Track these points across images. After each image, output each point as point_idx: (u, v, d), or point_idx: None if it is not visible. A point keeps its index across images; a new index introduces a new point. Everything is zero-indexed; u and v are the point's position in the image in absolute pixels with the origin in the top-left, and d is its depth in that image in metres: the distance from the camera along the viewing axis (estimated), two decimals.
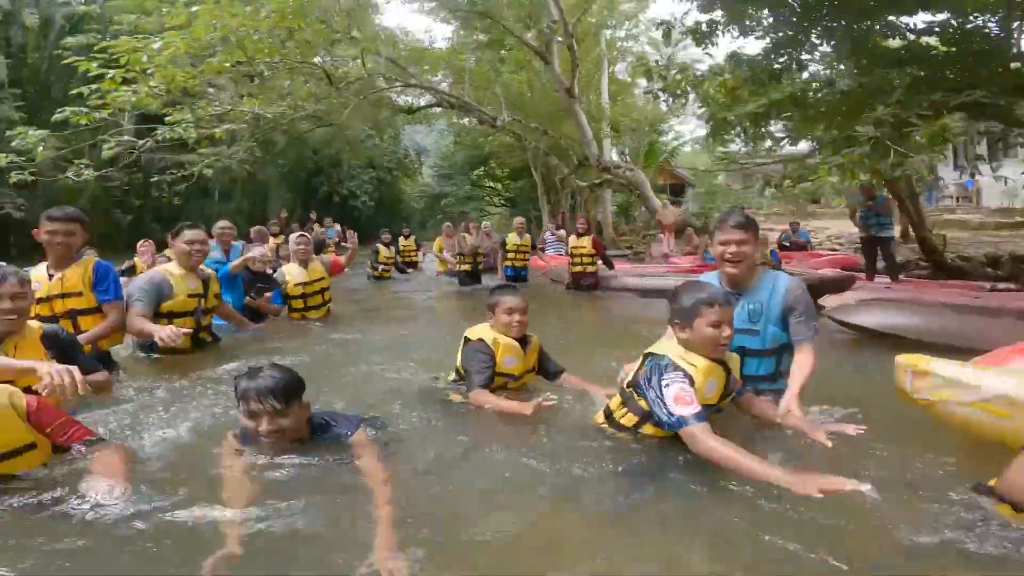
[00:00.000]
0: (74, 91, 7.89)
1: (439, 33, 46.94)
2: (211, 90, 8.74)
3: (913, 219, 9.83)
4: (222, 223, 5.86)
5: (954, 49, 5.74)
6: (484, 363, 2.78)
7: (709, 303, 2.14)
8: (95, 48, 7.71)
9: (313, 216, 13.16)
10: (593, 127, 14.40)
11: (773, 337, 2.53)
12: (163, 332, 3.06)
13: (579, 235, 7.92)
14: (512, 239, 8.62)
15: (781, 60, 6.19)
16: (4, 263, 2.42)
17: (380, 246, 10.31)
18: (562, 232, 12.64)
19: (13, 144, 7.71)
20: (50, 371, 1.91)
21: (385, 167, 28.31)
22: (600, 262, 7.99)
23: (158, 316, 3.52)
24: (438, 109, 15.86)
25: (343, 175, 25.82)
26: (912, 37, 5.94)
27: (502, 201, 32.14)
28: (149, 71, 7.46)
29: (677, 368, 2.11)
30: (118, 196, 18.66)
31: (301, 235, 5.64)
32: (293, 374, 2.03)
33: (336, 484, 1.90)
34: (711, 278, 2.68)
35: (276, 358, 3.81)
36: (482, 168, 30.07)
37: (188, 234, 3.76)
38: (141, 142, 8.54)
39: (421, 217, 31.54)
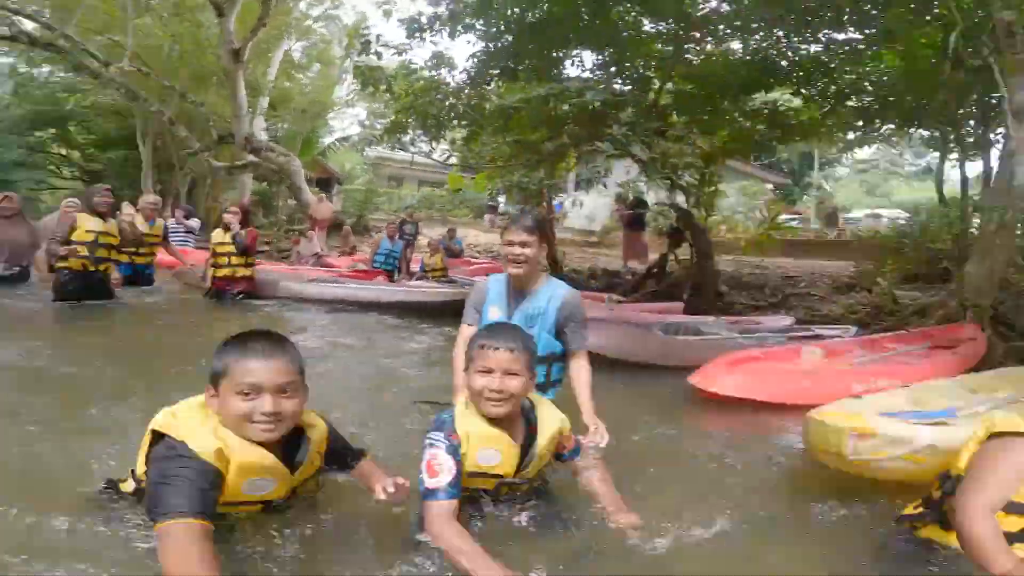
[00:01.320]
0: None
1: None
2: None
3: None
4: None
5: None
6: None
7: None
8: None
9: None
10: (249, 99, 12.68)
11: (545, 344, 2.46)
12: None
13: (226, 229, 6.12)
14: (125, 225, 5.67)
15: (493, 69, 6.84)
16: None
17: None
18: (194, 222, 10.52)
19: None
20: None
21: None
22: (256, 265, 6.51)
23: None
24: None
25: None
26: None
27: (78, 174, 25.11)
28: None
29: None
30: None
31: None
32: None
33: None
34: (498, 281, 2.62)
35: None
36: (54, 130, 22.90)
37: None
38: None
39: None
